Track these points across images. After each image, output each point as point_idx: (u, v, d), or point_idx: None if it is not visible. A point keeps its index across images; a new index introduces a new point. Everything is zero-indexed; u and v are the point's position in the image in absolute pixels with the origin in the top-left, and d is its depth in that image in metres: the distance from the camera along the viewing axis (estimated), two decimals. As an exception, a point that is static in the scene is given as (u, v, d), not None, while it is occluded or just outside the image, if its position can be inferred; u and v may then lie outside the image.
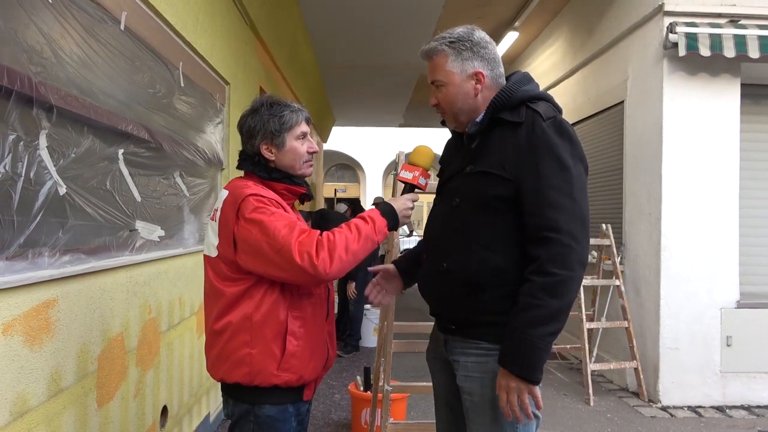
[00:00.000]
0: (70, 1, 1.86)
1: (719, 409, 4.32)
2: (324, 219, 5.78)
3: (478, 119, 1.65)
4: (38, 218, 1.66)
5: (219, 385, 1.73)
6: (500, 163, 1.55)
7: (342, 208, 7.45)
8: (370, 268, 1.97)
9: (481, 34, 1.64)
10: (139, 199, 2.42)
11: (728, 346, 4.39)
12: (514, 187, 1.53)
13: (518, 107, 1.59)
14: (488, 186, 1.56)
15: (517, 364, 1.45)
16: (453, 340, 1.68)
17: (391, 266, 1.92)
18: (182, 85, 2.98)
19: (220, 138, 3.76)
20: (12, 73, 1.52)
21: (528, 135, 1.54)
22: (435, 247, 1.71)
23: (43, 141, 1.69)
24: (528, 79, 1.67)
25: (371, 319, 6.19)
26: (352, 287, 5.80)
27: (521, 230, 1.54)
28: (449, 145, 1.87)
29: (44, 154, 1.70)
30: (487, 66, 1.63)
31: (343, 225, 1.62)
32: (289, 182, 1.72)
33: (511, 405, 1.47)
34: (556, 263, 1.45)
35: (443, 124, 1.83)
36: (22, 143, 1.59)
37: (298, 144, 1.72)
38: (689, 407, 4.33)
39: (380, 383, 3.05)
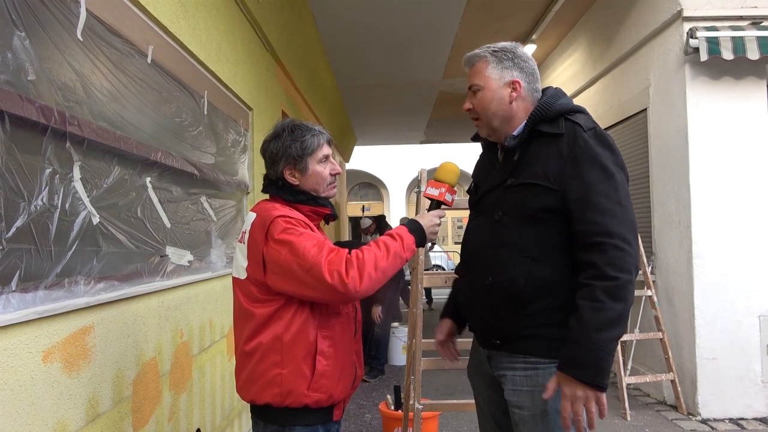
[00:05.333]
0: (100, 39, 1.94)
1: (762, 420, 4.16)
2: (383, 220, 5.85)
3: (515, 132, 1.66)
4: (74, 247, 1.72)
5: (250, 407, 1.75)
6: (544, 174, 1.56)
7: (366, 222, 7.48)
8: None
9: (524, 51, 1.70)
10: (168, 225, 2.48)
11: (769, 354, 4.25)
12: (560, 198, 1.53)
13: (557, 119, 1.61)
14: (533, 198, 1.57)
15: (584, 370, 1.42)
16: (498, 355, 1.67)
17: (447, 322, 1.95)
18: (207, 113, 3.07)
19: (244, 162, 3.84)
20: (47, 111, 1.59)
21: (570, 146, 1.55)
22: (477, 262, 1.71)
23: (77, 173, 1.76)
24: (562, 93, 1.71)
25: (399, 337, 6.16)
26: (378, 311, 5.64)
27: (568, 241, 1.54)
28: (482, 160, 1.88)
29: (78, 185, 1.76)
30: (525, 77, 1.67)
31: (371, 242, 1.64)
32: (313, 204, 1.74)
33: (576, 415, 1.43)
34: (614, 266, 1.44)
35: (474, 139, 1.84)
36: (57, 176, 1.65)
37: (321, 167, 1.74)
38: (731, 419, 4.19)
39: (411, 402, 3.03)
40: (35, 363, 1.53)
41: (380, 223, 7.55)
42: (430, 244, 1.83)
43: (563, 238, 1.55)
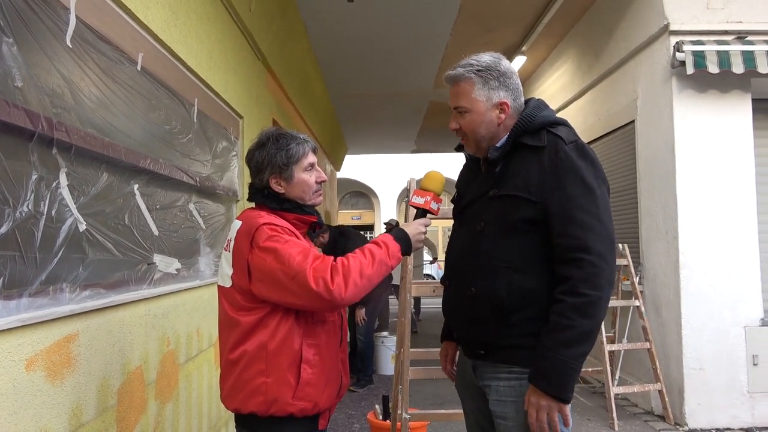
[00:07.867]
0: (89, 45, 1.94)
1: (748, 430, 4.19)
2: (343, 235, 5.73)
3: (498, 144, 1.68)
4: (59, 255, 1.71)
5: (234, 416, 1.73)
6: (525, 186, 1.58)
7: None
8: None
9: (507, 64, 1.68)
10: (156, 232, 2.47)
11: (755, 365, 4.28)
12: (541, 209, 1.55)
13: (539, 132, 1.62)
14: (514, 209, 1.58)
15: (549, 382, 1.48)
16: (483, 366, 1.68)
17: (447, 345, 1.98)
18: (197, 120, 3.06)
19: (234, 170, 3.83)
20: (34, 116, 1.58)
21: (552, 158, 1.57)
22: (460, 272, 1.72)
23: (63, 179, 1.75)
24: (545, 105, 1.72)
25: (388, 346, 6.14)
26: (362, 313, 5.59)
27: (549, 252, 1.56)
28: (465, 170, 1.89)
29: (65, 192, 1.75)
30: (511, 96, 1.66)
31: (357, 250, 1.64)
32: (299, 212, 1.75)
33: (540, 422, 1.49)
34: (587, 284, 1.48)
35: (458, 149, 1.85)
36: (44, 183, 1.64)
37: (307, 175, 1.75)
38: (717, 429, 4.21)
39: (399, 411, 3.02)
40: (18, 371, 1.51)
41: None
42: (432, 257, 1.84)
43: (544, 249, 1.56)
